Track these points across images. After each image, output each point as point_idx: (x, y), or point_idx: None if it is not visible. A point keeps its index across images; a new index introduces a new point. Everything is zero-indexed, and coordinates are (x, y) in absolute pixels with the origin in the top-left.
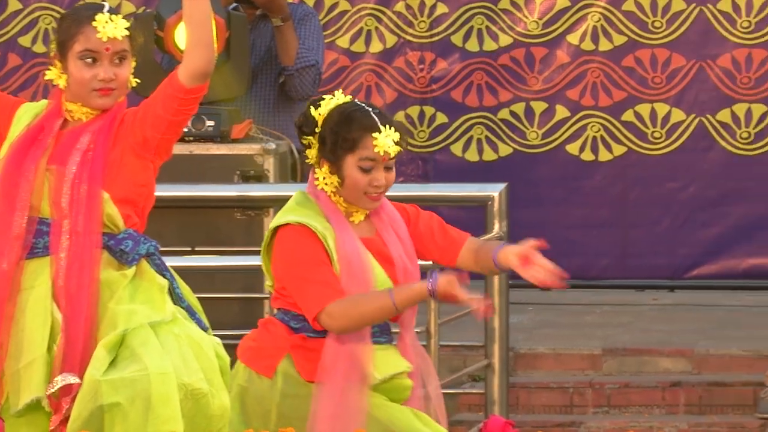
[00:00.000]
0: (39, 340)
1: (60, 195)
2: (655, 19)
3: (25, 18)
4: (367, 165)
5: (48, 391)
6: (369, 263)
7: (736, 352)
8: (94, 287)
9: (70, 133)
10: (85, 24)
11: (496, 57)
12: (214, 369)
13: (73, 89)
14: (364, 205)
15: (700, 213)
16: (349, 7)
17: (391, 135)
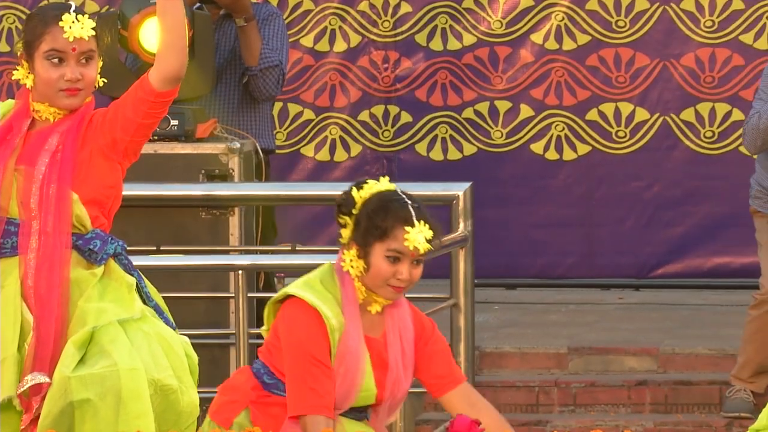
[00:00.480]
0: (9, 339)
1: (29, 196)
2: (618, 19)
3: None
4: (394, 256)
5: (18, 390)
6: (361, 369)
7: (702, 351)
8: (64, 287)
9: (39, 134)
10: (52, 24)
11: (460, 56)
12: (183, 367)
13: (40, 89)
14: (384, 294)
15: (664, 212)
16: (313, 7)
17: (424, 231)
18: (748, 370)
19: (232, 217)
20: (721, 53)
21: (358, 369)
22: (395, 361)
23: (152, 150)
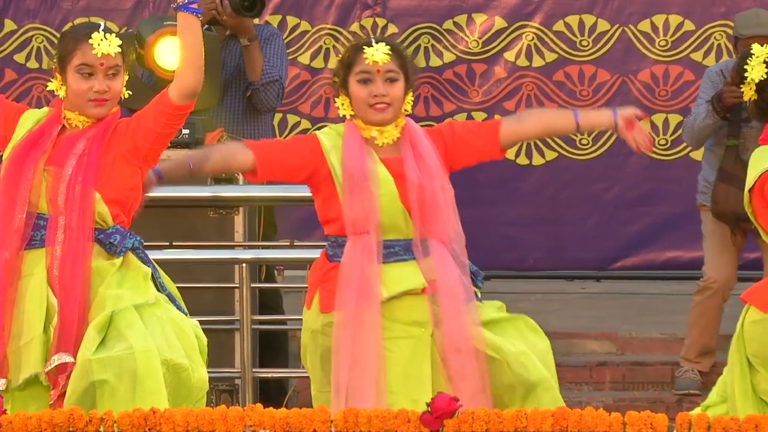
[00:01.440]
0: (36, 321)
1: (56, 194)
2: (582, 39)
3: (20, 37)
4: (363, 78)
5: (46, 369)
6: (373, 174)
7: (656, 336)
8: (86, 276)
9: (68, 139)
10: (83, 41)
11: (441, 72)
12: (193, 347)
13: (71, 99)
14: (373, 118)
15: (623, 211)
16: (310, 28)
17: (381, 48)
18: (694, 351)
19: (236, 216)
20: (674, 69)
21: (366, 174)
22: (412, 173)
23: (166, 156)
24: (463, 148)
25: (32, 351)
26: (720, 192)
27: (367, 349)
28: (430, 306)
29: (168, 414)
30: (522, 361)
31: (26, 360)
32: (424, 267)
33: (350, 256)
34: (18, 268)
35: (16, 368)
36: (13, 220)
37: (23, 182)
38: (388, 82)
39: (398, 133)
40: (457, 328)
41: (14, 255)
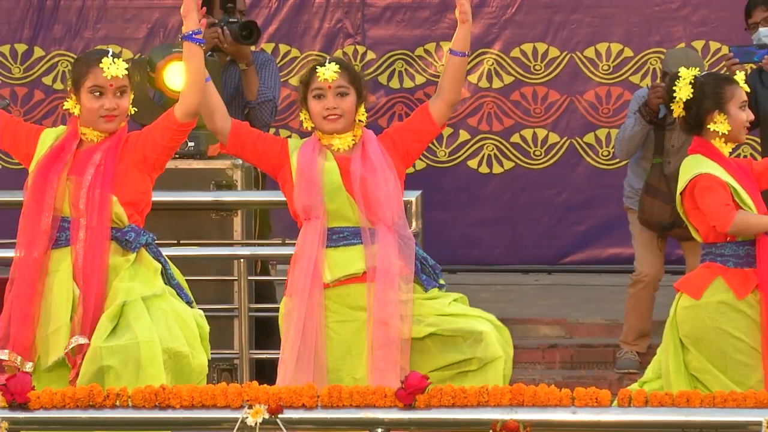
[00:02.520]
0: (63, 311)
1: (78, 199)
2: (535, 64)
3: (47, 62)
4: (317, 93)
5: (65, 350)
6: (319, 169)
7: (599, 321)
8: (104, 270)
9: (85, 151)
10: (94, 65)
11: (413, 92)
12: (194, 336)
13: (84, 116)
14: (326, 128)
15: (571, 213)
16: (299, 54)
17: (331, 67)
18: (632, 335)
19: (235, 218)
20: (615, 90)
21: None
22: (357, 166)
23: (174, 166)
24: (408, 135)
25: (60, 337)
26: (646, 204)
27: (309, 330)
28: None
29: (176, 390)
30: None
31: (54, 345)
32: (369, 253)
33: (302, 239)
34: (45, 265)
35: (45, 353)
36: (41, 223)
37: (49, 190)
38: (339, 96)
39: (352, 140)
40: (385, 304)
41: (42, 254)
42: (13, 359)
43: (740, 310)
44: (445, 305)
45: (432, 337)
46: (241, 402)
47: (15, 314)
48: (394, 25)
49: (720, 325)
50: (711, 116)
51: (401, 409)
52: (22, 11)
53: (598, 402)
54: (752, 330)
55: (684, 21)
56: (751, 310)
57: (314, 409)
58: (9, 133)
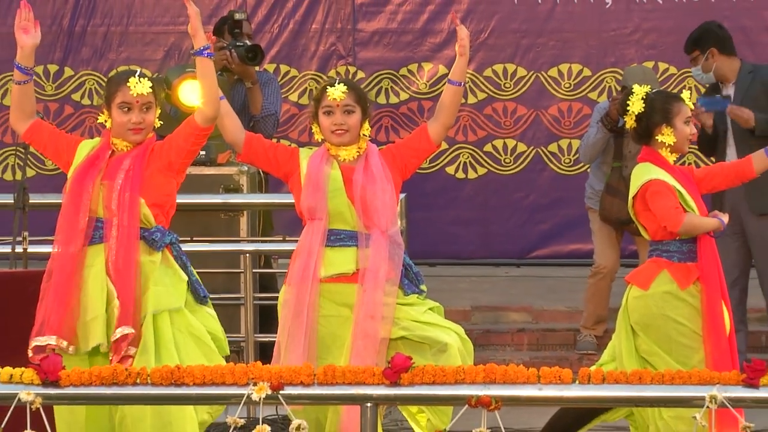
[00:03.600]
0: (99, 302)
1: (110, 201)
2: (505, 82)
3: (76, 81)
4: (326, 109)
5: (113, 338)
6: (325, 175)
7: (562, 308)
8: (135, 265)
9: (116, 159)
10: (122, 84)
11: (398, 107)
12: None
13: (115, 129)
14: (334, 141)
15: (537, 214)
16: (297, 74)
17: (339, 88)
18: (591, 321)
19: (242, 218)
20: (576, 105)
21: (320, 176)
22: (358, 175)
23: (188, 172)
24: (407, 152)
25: (97, 326)
26: (607, 202)
27: (301, 320)
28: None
29: (189, 369)
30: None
31: (93, 332)
32: (362, 255)
33: (304, 237)
34: (81, 260)
35: (84, 339)
36: (78, 222)
37: (85, 194)
38: (346, 113)
39: (357, 152)
40: (372, 303)
41: (79, 250)
42: (59, 343)
43: (683, 299)
44: (420, 313)
45: (403, 339)
46: (247, 380)
47: (53, 303)
48: (381, 48)
49: (665, 313)
50: (659, 129)
51: (388, 386)
52: (54, 36)
53: (561, 379)
54: (694, 316)
55: (636, 44)
56: (692, 299)
57: (311, 386)
58: (52, 144)
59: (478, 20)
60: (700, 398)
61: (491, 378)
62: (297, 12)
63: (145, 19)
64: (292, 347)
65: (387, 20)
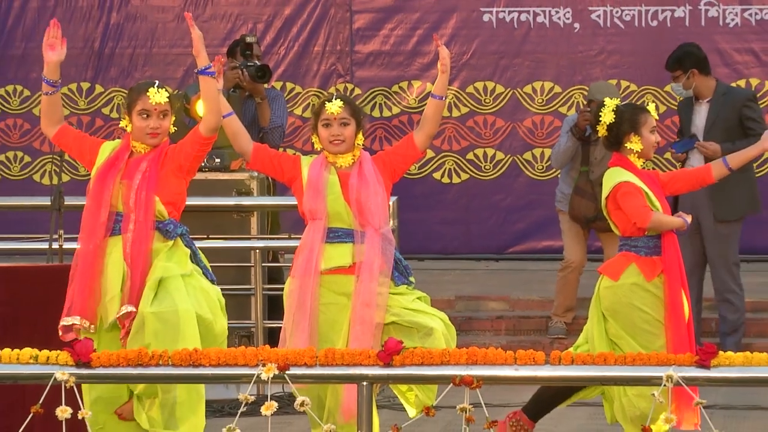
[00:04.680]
0: (116, 284)
1: (128, 198)
2: (485, 98)
3: (106, 97)
4: (325, 122)
5: (117, 315)
6: (324, 180)
7: (535, 298)
8: (148, 254)
9: (135, 161)
10: (143, 93)
11: (390, 120)
12: (216, 306)
13: (135, 133)
14: (332, 149)
15: (513, 214)
16: (301, 90)
17: (336, 103)
18: (561, 309)
19: (252, 218)
20: (548, 119)
21: (320, 181)
22: (352, 183)
23: (204, 177)
24: (396, 158)
25: (114, 305)
26: (575, 202)
27: (304, 308)
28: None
29: (205, 352)
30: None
31: (111, 311)
32: (357, 250)
33: (306, 235)
34: (103, 249)
35: (105, 317)
36: (99, 216)
37: (106, 191)
38: (342, 125)
39: (352, 159)
40: (367, 289)
41: (100, 240)
42: (82, 323)
43: (648, 290)
44: (409, 301)
45: (394, 324)
46: (256, 361)
47: (78, 288)
48: (376, 67)
49: (632, 302)
50: (628, 137)
51: (382, 367)
52: (86, 57)
53: (535, 361)
54: (657, 306)
55: (601, 64)
56: (657, 290)
57: (314, 367)
58: (77, 146)
59: (461, 43)
60: (658, 378)
61: (473, 360)
62: (301, 36)
63: (167, 42)
64: (297, 332)
65: (381, 43)
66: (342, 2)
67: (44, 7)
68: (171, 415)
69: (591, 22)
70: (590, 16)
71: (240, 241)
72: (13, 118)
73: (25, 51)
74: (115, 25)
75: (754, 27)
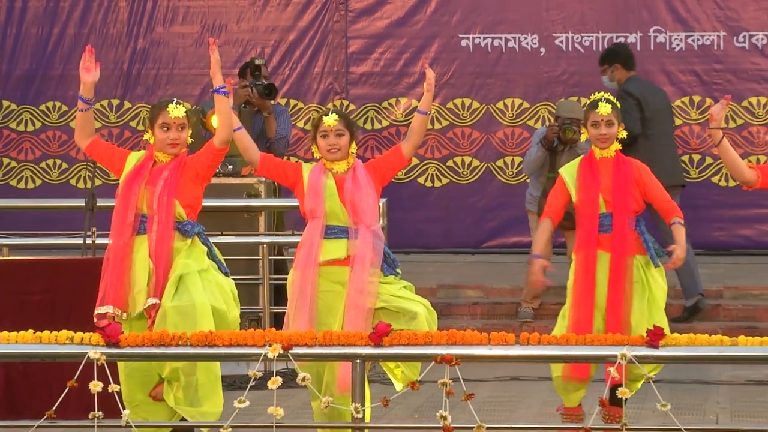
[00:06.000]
0: (142, 279)
1: (152, 202)
2: (463, 112)
3: (133, 111)
4: (322, 133)
5: (144, 307)
6: (322, 184)
7: (507, 287)
8: (171, 251)
9: (157, 169)
10: (163, 109)
11: (380, 132)
12: (230, 298)
13: (157, 144)
14: (329, 157)
15: (488, 214)
16: (303, 105)
17: (332, 116)
18: (529, 296)
19: (260, 217)
20: (517, 131)
21: (319, 184)
22: (347, 187)
23: (219, 182)
24: (385, 165)
25: (141, 297)
26: (543, 204)
27: (305, 295)
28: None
29: (219, 334)
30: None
31: (139, 302)
32: (351, 245)
33: (307, 231)
34: (131, 247)
35: (133, 307)
36: (127, 218)
37: (132, 196)
38: (338, 136)
39: (347, 166)
40: (360, 278)
41: (128, 239)
42: (114, 311)
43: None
44: (396, 289)
45: (383, 309)
46: (264, 342)
47: (110, 281)
48: (368, 86)
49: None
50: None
51: (373, 347)
52: (116, 77)
53: (506, 341)
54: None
55: (564, 83)
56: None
57: (313, 347)
58: (107, 156)
59: (442, 65)
60: (614, 356)
61: (452, 341)
62: (303, 58)
63: (186, 64)
64: (298, 317)
65: (372, 65)
66: (339, 29)
67: (79, 34)
68: (194, 395)
69: (555, 47)
70: (554, 41)
71: (249, 237)
72: (53, 130)
73: (63, 72)
74: (141, 50)
75: (696, 51)
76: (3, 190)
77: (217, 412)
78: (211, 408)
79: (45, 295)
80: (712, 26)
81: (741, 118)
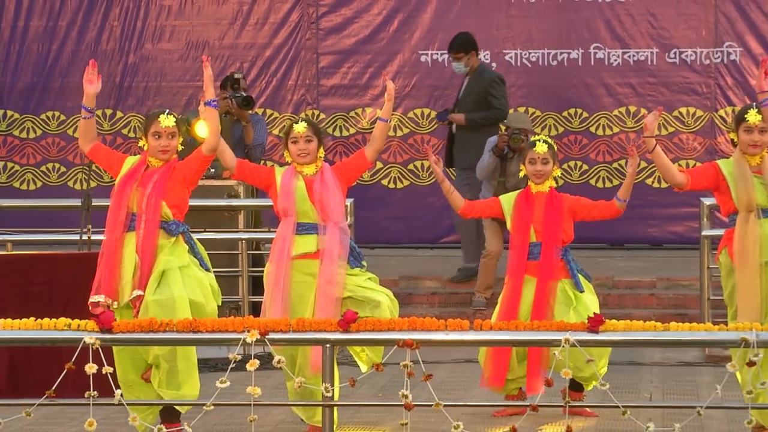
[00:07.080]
0: (129, 272)
1: (141, 202)
2: (422, 121)
3: (125, 120)
4: (293, 139)
5: (129, 298)
6: (293, 186)
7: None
8: (155, 247)
9: (149, 173)
10: (155, 119)
11: (348, 139)
12: (208, 292)
13: (149, 151)
14: (299, 161)
15: (444, 212)
16: (278, 115)
17: (302, 124)
18: (482, 287)
19: (239, 215)
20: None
21: (290, 185)
22: (316, 187)
23: (203, 183)
24: (350, 168)
25: (128, 288)
26: None
27: (279, 286)
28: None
29: (203, 320)
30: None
31: (126, 293)
32: (320, 240)
33: (280, 229)
34: (122, 242)
35: (122, 297)
36: (119, 216)
37: (124, 196)
38: (307, 142)
39: (315, 169)
40: (329, 270)
41: (120, 235)
42: (106, 300)
43: None
44: (362, 280)
45: (349, 298)
46: (243, 328)
47: (103, 272)
48: (337, 97)
49: None
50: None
51: (341, 333)
52: (110, 89)
53: (461, 327)
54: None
55: (513, 95)
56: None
57: (288, 333)
58: (107, 159)
59: (404, 78)
60: (558, 340)
61: (413, 327)
62: (278, 72)
63: (173, 77)
64: (274, 305)
65: (341, 78)
66: (310, 46)
67: (76, 51)
68: (174, 379)
69: (505, 62)
70: (504, 57)
71: (230, 233)
72: (52, 137)
73: (62, 84)
74: (132, 65)
75: (632, 66)
76: (7, 192)
77: (194, 394)
78: (188, 391)
79: (45, 286)
80: (646, 43)
81: (672, 126)
